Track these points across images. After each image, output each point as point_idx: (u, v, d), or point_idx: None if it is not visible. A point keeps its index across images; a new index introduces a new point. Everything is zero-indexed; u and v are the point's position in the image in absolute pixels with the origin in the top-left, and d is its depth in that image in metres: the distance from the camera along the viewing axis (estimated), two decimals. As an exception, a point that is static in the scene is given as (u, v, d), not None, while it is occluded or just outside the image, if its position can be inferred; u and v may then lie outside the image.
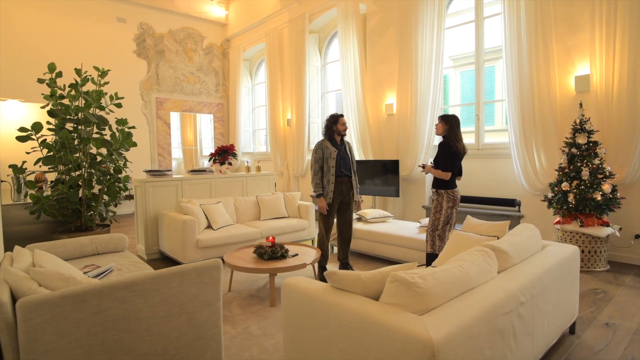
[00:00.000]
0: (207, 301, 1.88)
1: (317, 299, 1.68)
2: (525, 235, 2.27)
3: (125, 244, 3.25)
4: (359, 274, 1.67)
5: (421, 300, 1.47)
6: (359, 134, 6.37)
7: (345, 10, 6.40)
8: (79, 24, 7.43)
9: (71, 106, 3.62)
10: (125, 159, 4.10)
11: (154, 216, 4.45)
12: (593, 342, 2.36)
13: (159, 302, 1.73)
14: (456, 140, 3.08)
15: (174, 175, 5.18)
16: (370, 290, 1.65)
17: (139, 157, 8.17)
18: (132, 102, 8.11)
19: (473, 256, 1.84)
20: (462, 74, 8.76)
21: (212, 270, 1.89)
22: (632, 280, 3.45)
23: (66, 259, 2.92)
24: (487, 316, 1.50)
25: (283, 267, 3.06)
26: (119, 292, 1.62)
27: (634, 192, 3.87)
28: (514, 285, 1.73)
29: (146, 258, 4.44)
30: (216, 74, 9.52)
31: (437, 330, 1.30)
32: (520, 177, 4.56)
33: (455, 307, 1.47)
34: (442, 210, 3.10)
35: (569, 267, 2.27)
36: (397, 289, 1.51)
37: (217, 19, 9.28)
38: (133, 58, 8.17)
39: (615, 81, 3.83)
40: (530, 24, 4.31)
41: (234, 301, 3.13)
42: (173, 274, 1.77)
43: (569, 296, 2.28)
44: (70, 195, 3.53)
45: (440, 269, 1.62)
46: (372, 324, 1.43)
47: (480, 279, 1.73)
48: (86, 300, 1.55)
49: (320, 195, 3.58)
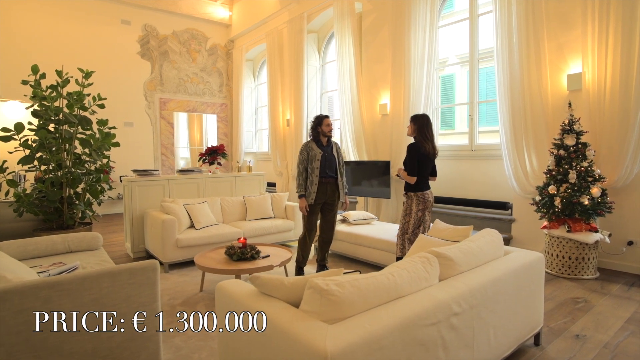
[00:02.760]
0: (142, 302, 1.87)
1: (241, 303, 1.65)
2: (482, 242, 2.17)
3: (99, 243, 3.29)
4: (282, 279, 1.63)
5: (335, 308, 1.41)
6: (354, 135, 6.30)
7: (341, 10, 6.34)
8: (84, 27, 7.63)
9: (51, 107, 3.71)
10: (108, 159, 4.16)
11: (140, 215, 4.51)
12: (556, 355, 2.24)
13: (88, 302, 1.74)
14: (424, 141, 2.98)
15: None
16: (294, 297, 1.60)
17: (142, 156, 8.34)
18: (136, 103, 8.29)
19: (411, 263, 1.77)
20: (469, 72, 8.56)
21: (147, 271, 1.88)
22: (619, 290, 3.28)
23: (37, 257, 2.99)
24: (404, 327, 1.43)
25: (249, 268, 3.04)
26: (43, 292, 1.63)
27: (627, 196, 3.67)
28: (446, 295, 1.65)
29: (132, 256, 4.51)
30: (220, 74, 9.61)
31: (336, 340, 1.25)
32: (511, 180, 4.40)
33: (368, 317, 1.41)
34: (412, 214, 3.01)
35: (527, 275, 2.16)
36: (312, 296, 1.46)
37: (221, 19, 9.37)
38: (137, 59, 8.33)
39: (607, 80, 3.64)
40: (521, 20, 4.15)
41: (202, 301, 3.13)
42: (103, 274, 1.77)
43: (529, 305, 2.17)
44: (49, 193, 3.61)
45: (363, 277, 1.56)
46: (279, 331, 1.39)
47: (411, 288, 1.66)
48: (7, 299, 1.56)
49: (302, 196, 3.56)
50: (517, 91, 4.23)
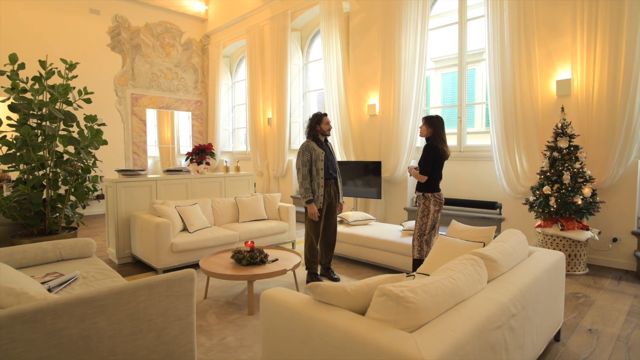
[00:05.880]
0: (179, 315, 1.73)
1: (298, 313, 1.56)
2: (513, 242, 2.21)
3: (93, 249, 3.03)
4: (344, 287, 1.56)
5: (412, 316, 1.36)
6: (341, 135, 6.27)
7: (328, 9, 6.29)
8: (48, 14, 7.04)
9: (34, 100, 3.35)
10: (95, 158, 3.85)
11: (126, 218, 4.22)
12: (578, 350, 2.33)
13: (124, 318, 1.57)
14: (441, 142, 3.01)
15: (149, 175, 4.96)
16: (356, 304, 1.54)
17: (113, 155, 7.84)
18: (105, 98, 7.79)
19: (463, 265, 1.76)
20: (443, 76, 8.81)
21: (185, 281, 1.74)
22: (610, 284, 3.48)
23: (25, 267, 2.70)
24: (479, 332, 1.41)
25: (262, 273, 2.92)
26: (78, 309, 1.45)
27: (612, 196, 3.91)
28: (504, 297, 1.65)
29: (117, 263, 4.21)
30: (195, 70, 9.25)
31: (429, 350, 1.20)
32: (501, 180, 4.56)
33: (447, 323, 1.38)
34: (430, 214, 3.02)
35: (555, 274, 2.23)
36: (385, 304, 1.40)
37: (197, 13, 9.02)
38: (107, 52, 7.82)
39: (595, 86, 3.86)
40: (513, 26, 4.31)
41: (210, 309, 2.96)
42: (140, 287, 1.61)
43: (555, 303, 2.24)
44: (32, 196, 3.27)
45: (430, 281, 1.52)
46: (358, 343, 1.32)
47: (470, 291, 1.64)
48: (39, 319, 1.38)
49: (311, 201, 3.40)
50: (509, 95, 4.39)
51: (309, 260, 3.53)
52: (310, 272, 3.53)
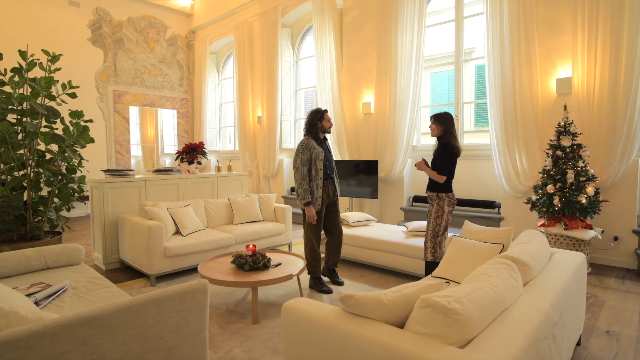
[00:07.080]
0: (191, 332, 1.55)
1: (329, 327, 1.41)
2: (537, 244, 2.11)
3: (81, 256, 2.80)
4: (379, 298, 1.41)
5: (461, 329, 1.23)
6: (334, 133, 6.13)
7: (321, 5, 6.14)
8: (23, 5, 6.63)
9: (14, 94, 3.08)
10: (81, 157, 3.58)
11: (113, 221, 3.96)
12: (600, 354, 2.26)
13: (130, 338, 1.39)
14: (454, 140, 2.90)
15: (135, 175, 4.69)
16: (392, 316, 1.40)
17: (94, 154, 7.46)
18: (86, 94, 7.40)
19: (498, 270, 1.64)
20: (432, 75, 8.79)
21: (197, 293, 1.56)
22: (615, 283, 3.46)
23: (6, 277, 2.45)
24: (530, 344, 1.29)
25: (267, 279, 2.74)
26: (79, 330, 1.26)
27: (613, 194, 3.91)
28: (546, 304, 1.55)
29: (104, 269, 3.95)
30: (180, 67, 8.94)
31: (490, 370, 1.07)
32: (501, 179, 4.51)
33: (499, 337, 1.25)
34: (444, 215, 2.91)
35: (581, 277, 2.15)
36: (430, 316, 1.27)
37: (182, 8, 8.71)
38: (88, 46, 7.45)
39: (596, 84, 3.84)
40: (512, 24, 4.26)
41: (211, 318, 2.77)
42: (149, 301, 1.43)
43: (581, 307, 2.16)
44: (12, 198, 3.00)
45: (472, 289, 1.40)
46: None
47: (510, 298, 1.53)
48: (34, 344, 1.18)
49: (309, 203, 3.24)
50: (508, 94, 4.34)
51: (311, 264, 3.37)
52: (313, 277, 3.38)
